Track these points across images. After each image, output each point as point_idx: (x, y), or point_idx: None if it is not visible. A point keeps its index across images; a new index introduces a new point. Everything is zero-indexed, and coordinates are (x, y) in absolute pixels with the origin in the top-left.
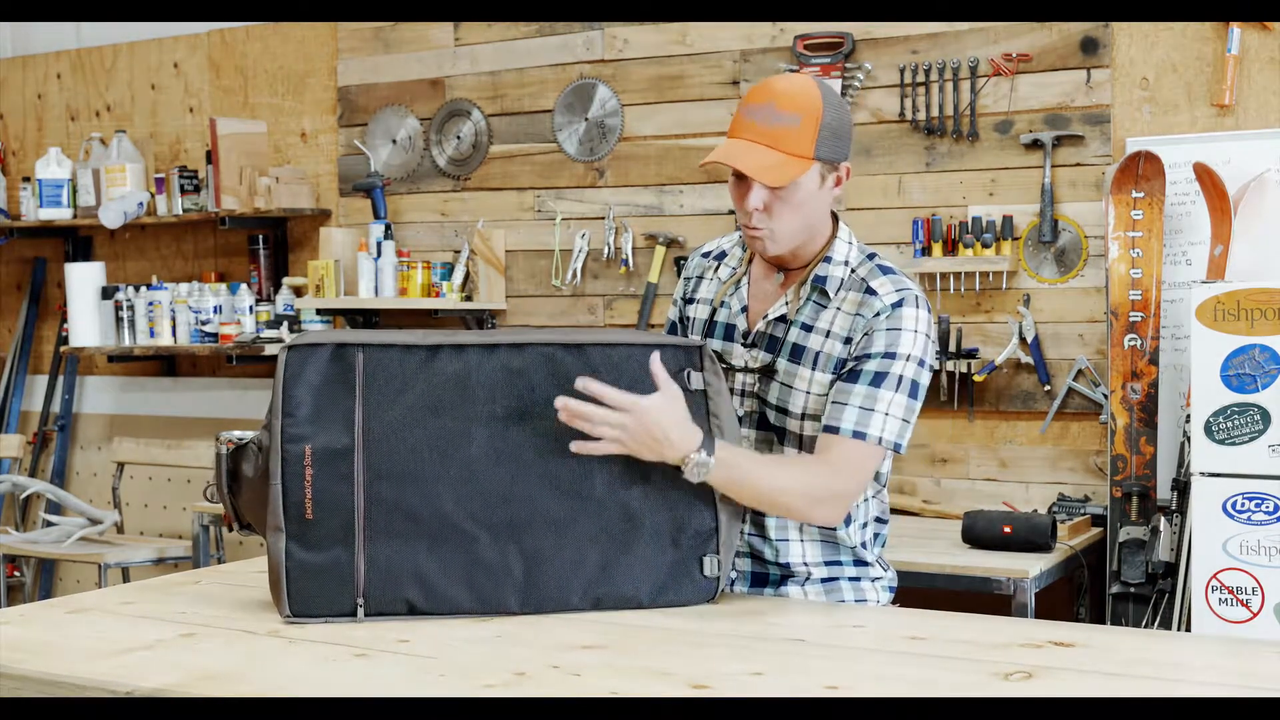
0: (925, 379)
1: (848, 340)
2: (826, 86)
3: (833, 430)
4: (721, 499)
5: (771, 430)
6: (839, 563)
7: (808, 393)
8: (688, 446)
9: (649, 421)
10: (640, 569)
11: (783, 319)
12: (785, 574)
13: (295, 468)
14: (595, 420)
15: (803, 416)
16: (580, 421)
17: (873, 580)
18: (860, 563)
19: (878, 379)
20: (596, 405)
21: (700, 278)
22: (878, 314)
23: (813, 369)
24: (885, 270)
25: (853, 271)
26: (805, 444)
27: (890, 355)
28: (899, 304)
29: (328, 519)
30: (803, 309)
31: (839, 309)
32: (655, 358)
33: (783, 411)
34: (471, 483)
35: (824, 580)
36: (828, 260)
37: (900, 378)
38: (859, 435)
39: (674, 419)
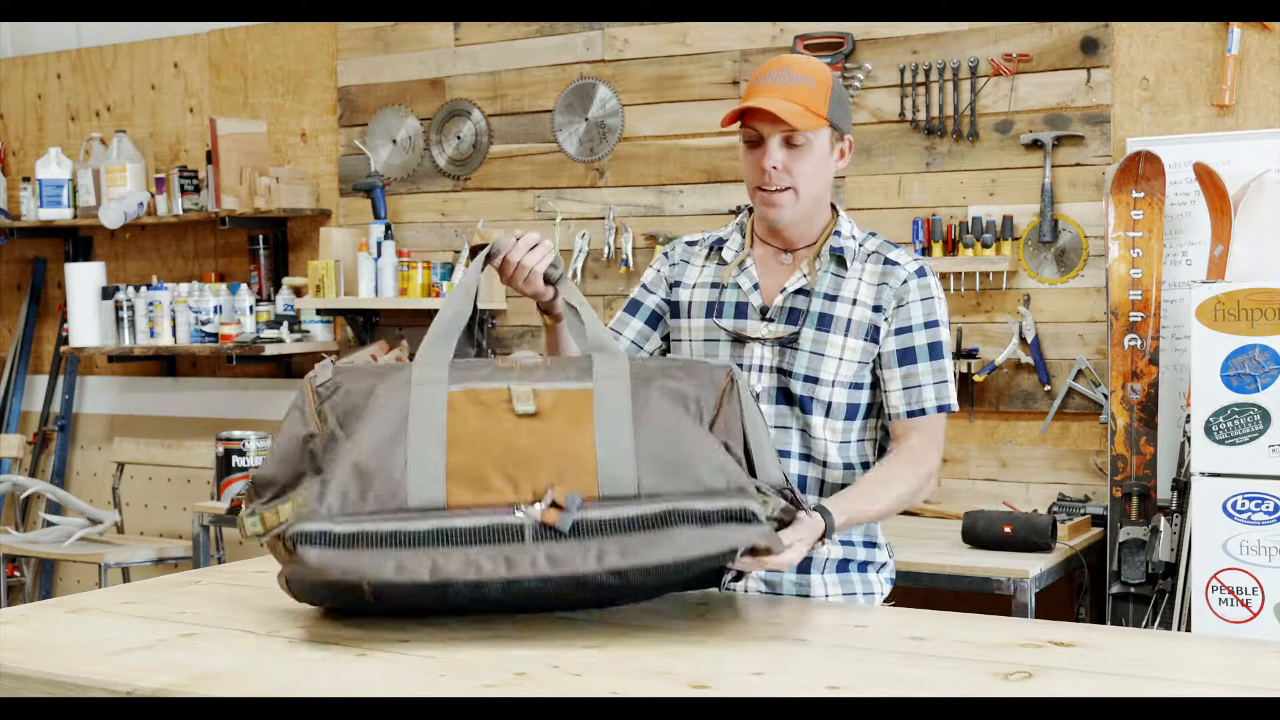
0: None
1: (877, 308)
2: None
3: (918, 413)
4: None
5: (794, 403)
6: (851, 543)
7: (840, 359)
8: (818, 532)
9: (809, 537)
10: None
11: (802, 291)
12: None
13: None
14: (784, 565)
15: (833, 383)
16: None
17: (879, 569)
18: (869, 544)
19: (934, 351)
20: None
21: (686, 263)
22: (904, 282)
23: (845, 335)
24: (892, 245)
25: (860, 245)
26: (832, 411)
27: (933, 324)
28: (921, 272)
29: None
30: (821, 280)
31: (860, 279)
32: (738, 556)
33: (811, 380)
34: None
35: (838, 567)
36: (838, 234)
37: (945, 343)
38: (943, 408)
39: (810, 526)
